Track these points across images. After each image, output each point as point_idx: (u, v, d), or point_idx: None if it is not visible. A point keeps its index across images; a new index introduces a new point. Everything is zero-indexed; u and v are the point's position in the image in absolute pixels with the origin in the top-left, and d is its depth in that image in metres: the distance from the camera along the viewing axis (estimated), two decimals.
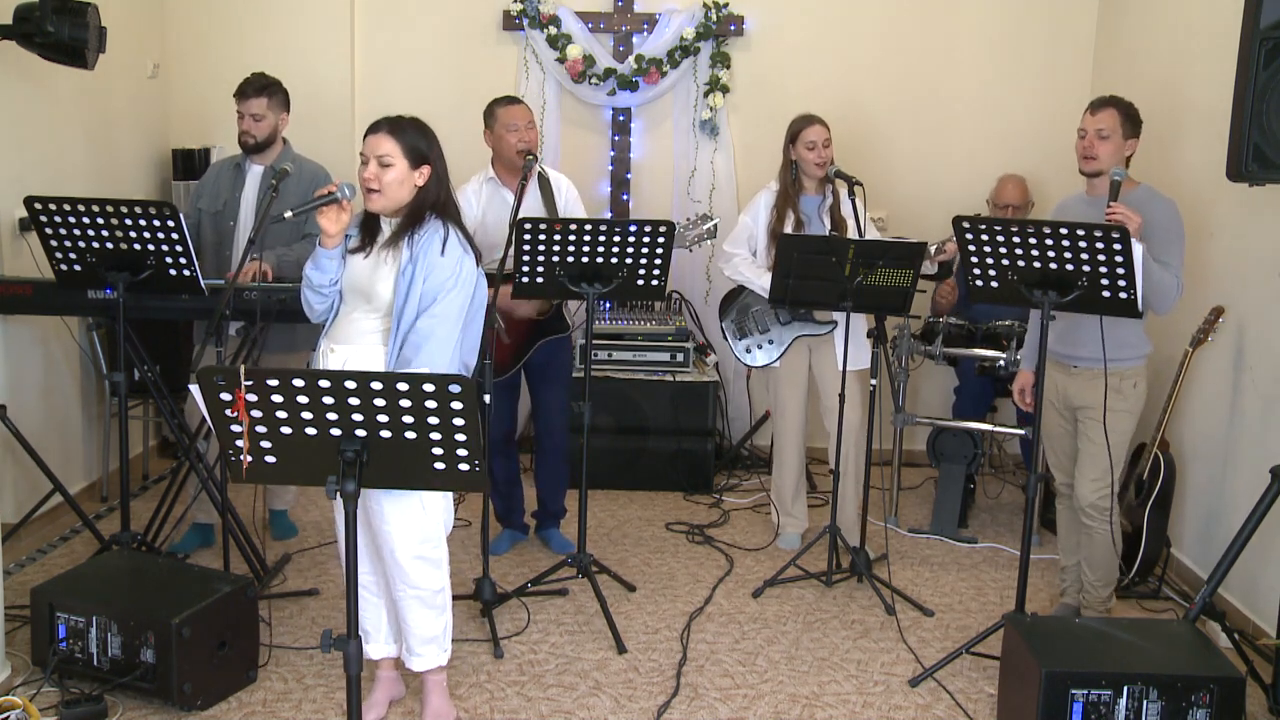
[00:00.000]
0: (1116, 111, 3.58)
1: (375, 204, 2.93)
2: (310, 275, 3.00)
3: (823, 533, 4.33)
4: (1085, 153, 3.60)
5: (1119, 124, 3.57)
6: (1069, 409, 3.74)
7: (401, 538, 2.98)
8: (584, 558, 3.93)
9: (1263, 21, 3.21)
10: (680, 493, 5.29)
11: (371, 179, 2.90)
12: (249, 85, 4.20)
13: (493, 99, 4.29)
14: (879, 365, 4.20)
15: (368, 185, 2.90)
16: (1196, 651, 3.04)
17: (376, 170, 2.90)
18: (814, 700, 3.40)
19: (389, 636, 3.21)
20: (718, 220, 4.24)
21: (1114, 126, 3.56)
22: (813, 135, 4.33)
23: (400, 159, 2.91)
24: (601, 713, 3.28)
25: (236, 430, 2.25)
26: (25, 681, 3.30)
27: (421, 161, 2.94)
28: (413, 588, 3.02)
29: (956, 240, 3.41)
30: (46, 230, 3.62)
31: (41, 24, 3.90)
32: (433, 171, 2.97)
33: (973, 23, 5.68)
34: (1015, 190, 5.11)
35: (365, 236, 3.02)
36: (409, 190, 2.94)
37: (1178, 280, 3.48)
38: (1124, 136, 3.58)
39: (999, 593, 4.23)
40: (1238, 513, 3.71)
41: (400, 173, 2.91)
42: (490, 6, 5.68)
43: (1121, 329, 3.55)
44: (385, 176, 2.90)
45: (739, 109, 5.75)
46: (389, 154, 2.90)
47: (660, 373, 5.26)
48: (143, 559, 3.71)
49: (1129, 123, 3.59)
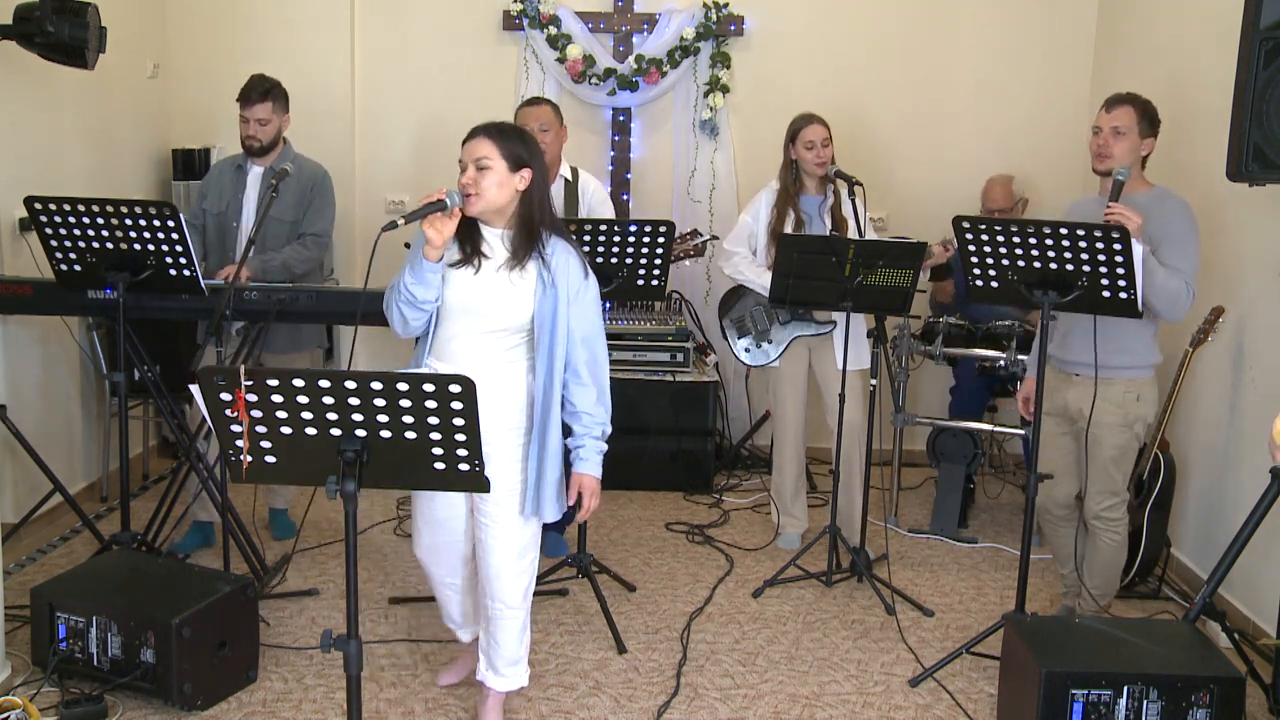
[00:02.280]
0: (1133, 109, 3.48)
1: (473, 206, 2.80)
2: (413, 289, 2.81)
3: (823, 533, 4.33)
4: (1099, 151, 3.50)
5: (1135, 121, 3.47)
6: (1067, 418, 3.67)
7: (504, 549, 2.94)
8: (584, 558, 3.93)
9: (1263, 21, 3.21)
10: (680, 493, 5.29)
11: (469, 183, 2.79)
12: (252, 90, 4.18)
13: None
14: (879, 365, 4.20)
15: (465, 190, 2.79)
16: (1196, 651, 3.04)
17: (474, 174, 2.80)
18: (814, 700, 3.40)
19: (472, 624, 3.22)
20: (707, 237, 4.24)
21: (1130, 124, 3.47)
22: (812, 135, 4.33)
23: (498, 160, 2.80)
24: (601, 713, 3.28)
25: (236, 430, 2.25)
26: (25, 681, 3.30)
27: (522, 165, 2.84)
28: (509, 606, 2.97)
29: (956, 240, 3.40)
30: (46, 230, 3.62)
31: (41, 24, 3.90)
32: (535, 177, 2.86)
33: (973, 22, 5.68)
34: (1001, 193, 5.11)
35: (468, 250, 2.87)
36: (509, 194, 2.83)
37: (1189, 287, 3.37)
38: (1140, 135, 3.48)
39: (999, 593, 4.23)
40: (1238, 513, 3.71)
41: (499, 175, 2.80)
42: (490, 6, 5.68)
43: (1126, 336, 3.48)
44: (483, 180, 2.79)
45: (739, 109, 5.75)
46: (486, 156, 2.80)
47: (660, 373, 5.26)
48: (143, 559, 3.70)
49: (1145, 121, 3.49)
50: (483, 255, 2.86)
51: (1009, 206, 5.09)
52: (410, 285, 2.81)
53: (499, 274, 2.86)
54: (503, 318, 2.87)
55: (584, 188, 4.29)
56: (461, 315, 2.88)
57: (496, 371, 2.88)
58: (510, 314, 2.86)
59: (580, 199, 4.27)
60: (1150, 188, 3.54)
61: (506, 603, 2.97)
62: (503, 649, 3.02)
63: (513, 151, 2.83)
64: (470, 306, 2.86)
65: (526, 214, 2.87)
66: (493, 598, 2.98)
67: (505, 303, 2.86)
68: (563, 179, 4.25)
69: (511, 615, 2.99)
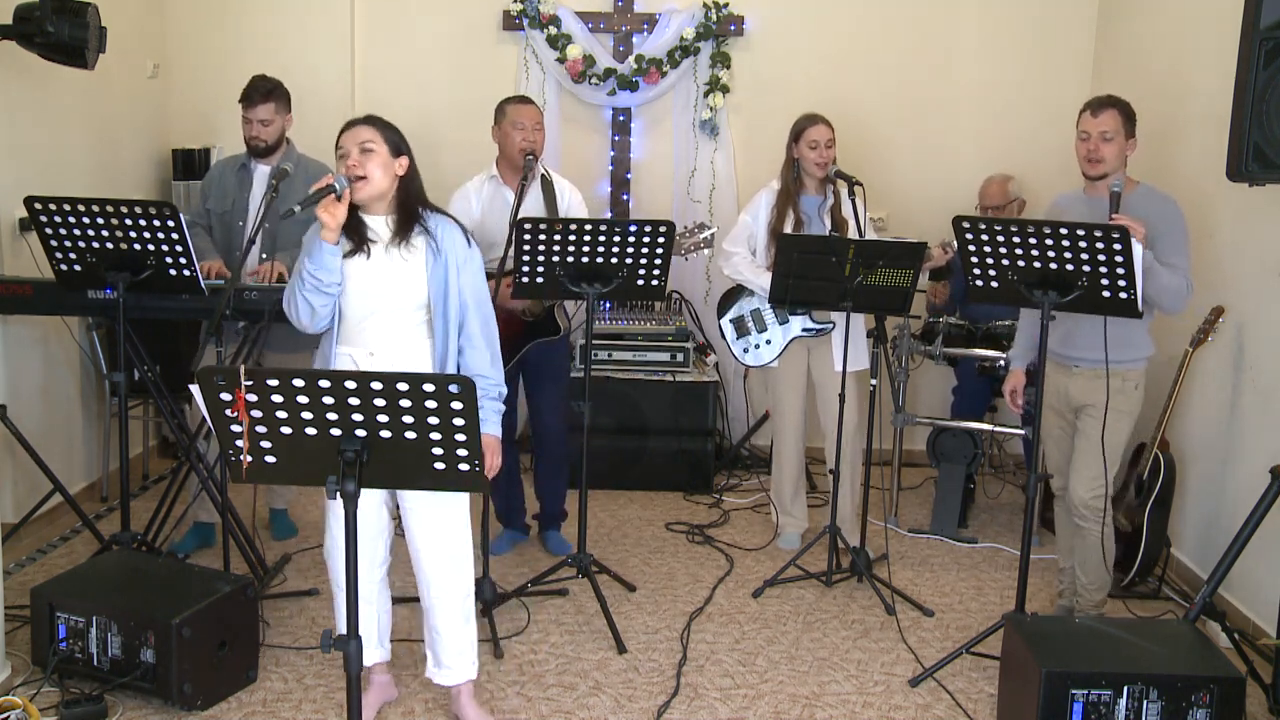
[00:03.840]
0: (1118, 112, 3.55)
1: (362, 191, 2.91)
2: (318, 275, 2.90)
3: (823, 533, 4.33)
4: (1090, 156, 3.57)
5: (1121, 125, 3.54)
6: (1070, 409, 3.72)
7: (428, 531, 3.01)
8: (584, 558, 3.93)
9: (1263, 21, 3.21)
10: (680, 493, 5.29)
11: (356, 165, 2.90)
12: (255, 91, 4.18)
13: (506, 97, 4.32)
14: (879, 365, 4.20)
15: (353, 172, 2.90)
16: (1196, 651, 3.04)
17: (359, 157, 2.91)
18: (814, 700, 3.40)
19: (379, 640, 3.20)
20: (715, 229, 4.24)
21: (1117, 128, 3.54)
22: (816, 135, 4.33)
23: (381, 145, 2.93)
24: (601, 713, 3.28)
25: (236, 430, 2.25)
26: (25, 681, 3.30)
27: (400, 152, 2.99)
28: (446, 591, 3.04)
29: (956, 240, 3.40)
30: (46, 230, 3.62)
31: (41, 24, 3.90)
32: (410, 164, 3.01)
33: (973, 22, 5.68)
34: (997, 191, 5.12)
35: (355, 240, 2.96)
36: (390, 178, 2.96)
37: (1187, 280, 3.46)
38: (1125, 136, 3.56)
39: (999, 593, 4.23)
40: (1238, 513, 3.70)
41: (383, 158, 2.93)
42: (490, 6, 5.68)
43: (1125, 329, 3.53)
44: (368, 163, 2.91)
45: (739, 109, 5.75)
46: (370, 140, 2.92)
47: (660, 373, 5.27)
48: (143, 559, 3.70)
49: (1129, 123, 3.57)
50: (370, 242, 2.98)
51: (1003, 204, 5.10)
52: (314, 272, 2.89)
53: (389, 254, 2.98)
54: (401, 295, 2.97)
55: (560, 189, 4.29)
56: (361, 300, 2.97)
57: (405, 349, 2.99)
58: (407, 290, 2.97)
59: (559, 198, 4.27)
60: (1136, 185, 3.61)
61: (442, 588, 3.05)
62: (445, 640, 3.09)
63: (392, 139, 2.97)
64: (368, 290, 2.97)
65: (405, 198, 3.00)
66: (429, 585, 3.06)
67: (400, 280, 2.97)
68: (540, 178, 4.25)
69: (451, 601, 3.06)
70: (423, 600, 3.11)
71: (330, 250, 2.90)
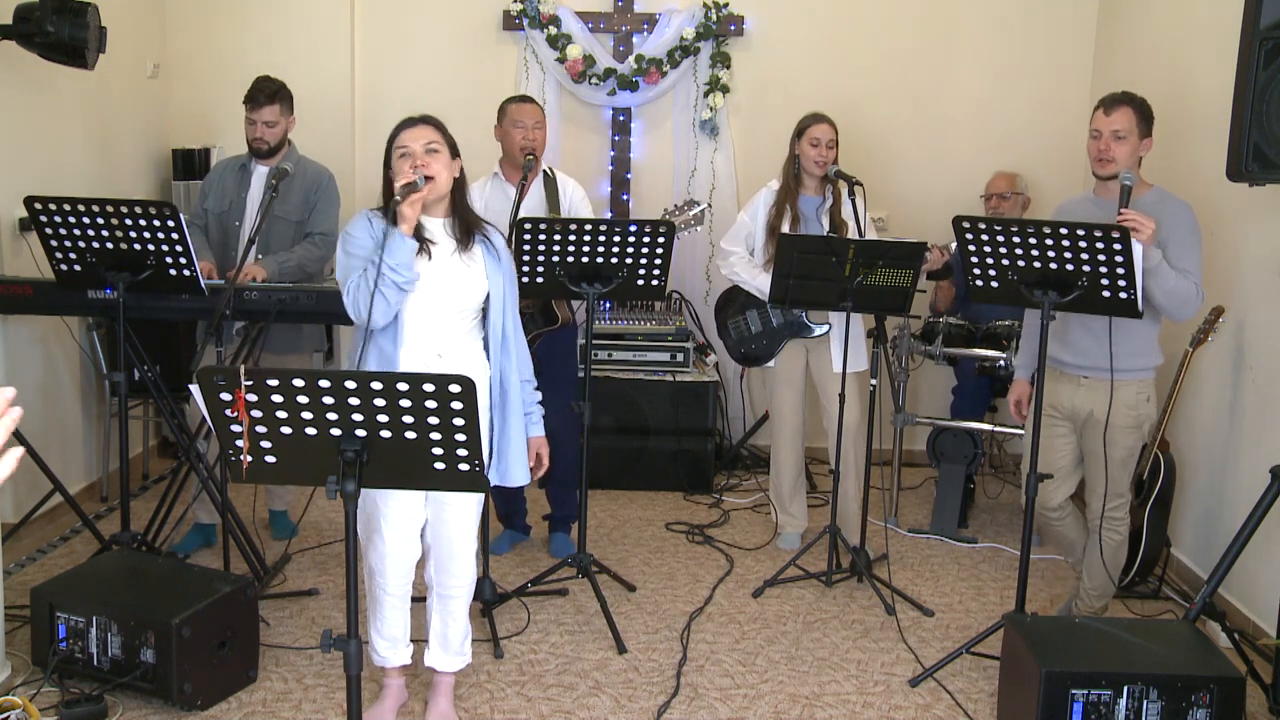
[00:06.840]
0: (1132, 110, 3.42)
1: (432, 191, 2.89)
2: (398, 270, 2.81)
3: (823, 533, 4.32)
4: (1101, 155, 3.45)
5: (1135, 123, 3.42)
6: (1075, 419, 3.64)
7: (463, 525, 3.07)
8: (584, 558, 3.93)
9: (1263, 21, 3.21)
10: (680, 493, 5.29)
11: (424, 165, 2.87)
12: (260, 92, 4.17)
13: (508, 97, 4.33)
14: (879, 365, 4.20)
15: (424, 172, 2.86)
16: (1196, 651, 3.04)
17: (425, 158, 2.89)
18: (814, 700, 3.40)
19: (406, 641, 3.19)
20: (706, 205, 4.23)
21: (1130, 126, 3.41)
22: (818, 133, 4.32)
23: (444, 146, 2.94)
24: (601, 713, 3.28)
25: (236, 430, 2.25)
26: (25, 681, 3.30)
27: (456, 154, 3.01)
28: (466, 582, 3.12)
29: (957, 240, 3.40)
30: (46, 230, 3.62)
31: (41, 24, 3.90)
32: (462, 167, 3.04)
33: (973, 22, 5.68)
34: (1004, 182, 5.16)
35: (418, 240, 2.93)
36: (450, 180, 2.96)
37: (1197, 288, 3.36)
38: (1140, 136, 3.44)
39: (999, 593, 4.23)
40: (1238, 513, 3.70)
41: (445, 159, 2.94)
42: (490, 6, 5.68)
43: (1135, 338, 3.47)
44: (434, 163, 2.89)
45: (739, 109, 5.75)
46: (435, 141, 2.92)
47: (660, 373, 5.27)
48: (143, 559, 3.70)
49: (1144, 121, 3.44)
50: (430, 243, 2.97)
51: (1009, 193, 5.11)
52: (395, 267, 2.83)
53: (451, 258, 2.99)
54: (463, 298, 3.00)
55: (563, 185, 4.30)
56: (425, 301, 2.97)
57: (464, 350, 3.02)
58: (469, 293, 3.00)
59: (561, 195, 4.27)
60: (1149, 188, 3.52)
61: (463, 579, 3.11)
62: (458, 626, 3.15)
63: (450, 140, 2.99)
64: (431, 291, 2.96)
65: (461, 202, 3.04)
66: (451, 575, 3.10)
67: (463, 283, 2.99)
68: (544, 175, 4.26)
69: (468, 590, 3.14)
70: (439, 590, 3.13)
71: (410, 245, 2.86)
